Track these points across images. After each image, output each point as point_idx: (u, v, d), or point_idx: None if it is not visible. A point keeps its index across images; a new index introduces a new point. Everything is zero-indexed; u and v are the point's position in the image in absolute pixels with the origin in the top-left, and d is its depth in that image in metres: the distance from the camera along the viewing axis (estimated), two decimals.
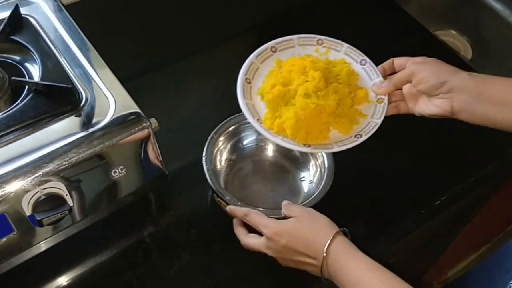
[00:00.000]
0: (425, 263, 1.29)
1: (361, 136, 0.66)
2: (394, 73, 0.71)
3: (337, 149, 0.65)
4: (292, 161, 0.82)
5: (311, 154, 0.79)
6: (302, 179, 0.80)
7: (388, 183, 0.84)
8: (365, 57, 0.74)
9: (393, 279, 0.57)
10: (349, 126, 0.67)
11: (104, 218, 0.71)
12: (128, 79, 0.72)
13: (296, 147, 0.65)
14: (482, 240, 1.38)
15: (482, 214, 1.11)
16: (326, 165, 0.76)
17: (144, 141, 0.67)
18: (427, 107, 0.68)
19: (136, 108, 0.67)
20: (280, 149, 0.83)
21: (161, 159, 0.71)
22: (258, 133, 0.79)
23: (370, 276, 0.58)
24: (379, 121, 0.68)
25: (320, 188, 0.74)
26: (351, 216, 0.79)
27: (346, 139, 0.67)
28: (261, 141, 0.83)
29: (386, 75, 0.72)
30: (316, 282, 0.71)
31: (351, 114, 0.68)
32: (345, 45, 0.75)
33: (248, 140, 0.83)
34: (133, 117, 0.66)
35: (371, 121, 0.68)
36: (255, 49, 0.74)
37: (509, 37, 1.16)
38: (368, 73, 0.73)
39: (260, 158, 0.83)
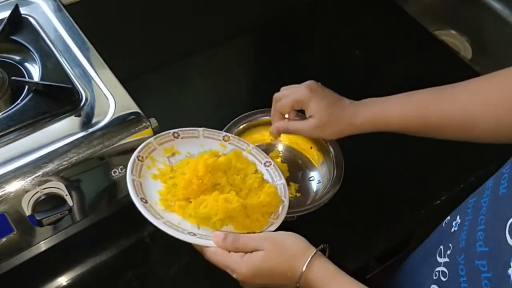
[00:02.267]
0: None
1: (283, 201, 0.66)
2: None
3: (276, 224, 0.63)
4: (301, 161, 0.82)
5: (322, 151, 0.80)
6: (311, 178, 0.80)
7: (388, 183, 0.84)
8: (269, 159, 0.72)
9: None
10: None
11: (104, 218, 0.71)
12: (128, 79, 0.72)
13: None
14: None
15: None
16: (335, 165, 0.76)
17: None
18: None
19: (136, 108, 0.67)
20: (288, 149, 0.83)
21: None
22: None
23: None
24: (283, 181, 0.69)
25: (329, 188, 0.74)
26: (350, 216, 0.79)
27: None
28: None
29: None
30: None
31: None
32: (251, 145, 0.73)
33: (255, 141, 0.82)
34: (133, 117, 0.66)
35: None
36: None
37: (509, 37, 1.16)
38: (271, 175, 0.70)
39: None
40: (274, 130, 0.75)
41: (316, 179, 0.80)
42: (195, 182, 0.63)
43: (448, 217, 0.63)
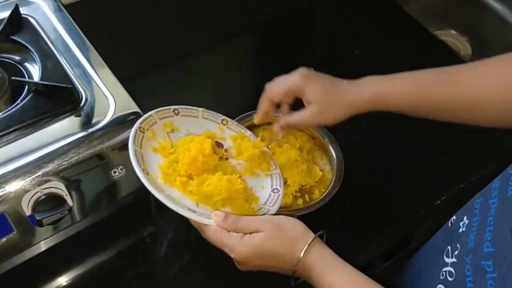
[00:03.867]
0: None
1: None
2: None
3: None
4: None
5: (322, 151, 0.80)
6: None
7: (388, 183, 0.84)
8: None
9: None
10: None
11: (104, 218, 0.71)
12: (128, 79, 0.72)
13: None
14: None
15: None
16: (335, 165, 0.76)
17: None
18: None
19: (136, 108, 0.67)
20: None
21: None
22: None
23: None
24: (279, 171, 0.70)
25: (329, 188, 0.74)
26: (350, 216, 0.79)
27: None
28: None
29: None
30: None
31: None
32: (248, 132, 0.74)
33: None
34: (133, 117, 0.66)
35: (262, 207, 0.65)
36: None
37: (509, 37, 1.16)
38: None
39: None
40: (277, 128, 0.71)
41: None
42: (200, 160, 0.63)
43: (454, 217, 0.63)
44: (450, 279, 0.57)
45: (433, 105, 0.64)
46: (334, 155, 0.78)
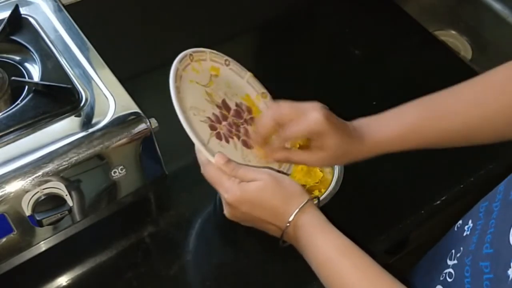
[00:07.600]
0: None
1: None
2: None
3: None
4: None
5: None
6: None
7: (388, 183, 0.84)
8: (265, 90, 0.72)
9: (367, 264, 0.54)
10: None
11: (104, 218, 0.71)
12: (128, 79, 0.72)
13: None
14: None
15: None
16: (335, 166, 0.76)
17: (144, 141, 0.67)
18: None
19: (136, 108, 0.67)
20: None
21: (161, 159, 0.71)
22: None
23: (342, 260, 0.54)
24: None
25: (329, 189, 0.74)
26: (350, 216, 0.79)
27: None
28: None
29: None
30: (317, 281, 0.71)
31: None
32: (248, 73, 0.72)
33: None
34: (133, 117, 0.66)
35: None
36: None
37: (509, 37, 1.16)
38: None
39: None
40: (274, 159, 0.65)
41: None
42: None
43: (460, 221, 0.63)
44: (449, 280, 0.57)
45: (428, 141, 0.64)
46: None
